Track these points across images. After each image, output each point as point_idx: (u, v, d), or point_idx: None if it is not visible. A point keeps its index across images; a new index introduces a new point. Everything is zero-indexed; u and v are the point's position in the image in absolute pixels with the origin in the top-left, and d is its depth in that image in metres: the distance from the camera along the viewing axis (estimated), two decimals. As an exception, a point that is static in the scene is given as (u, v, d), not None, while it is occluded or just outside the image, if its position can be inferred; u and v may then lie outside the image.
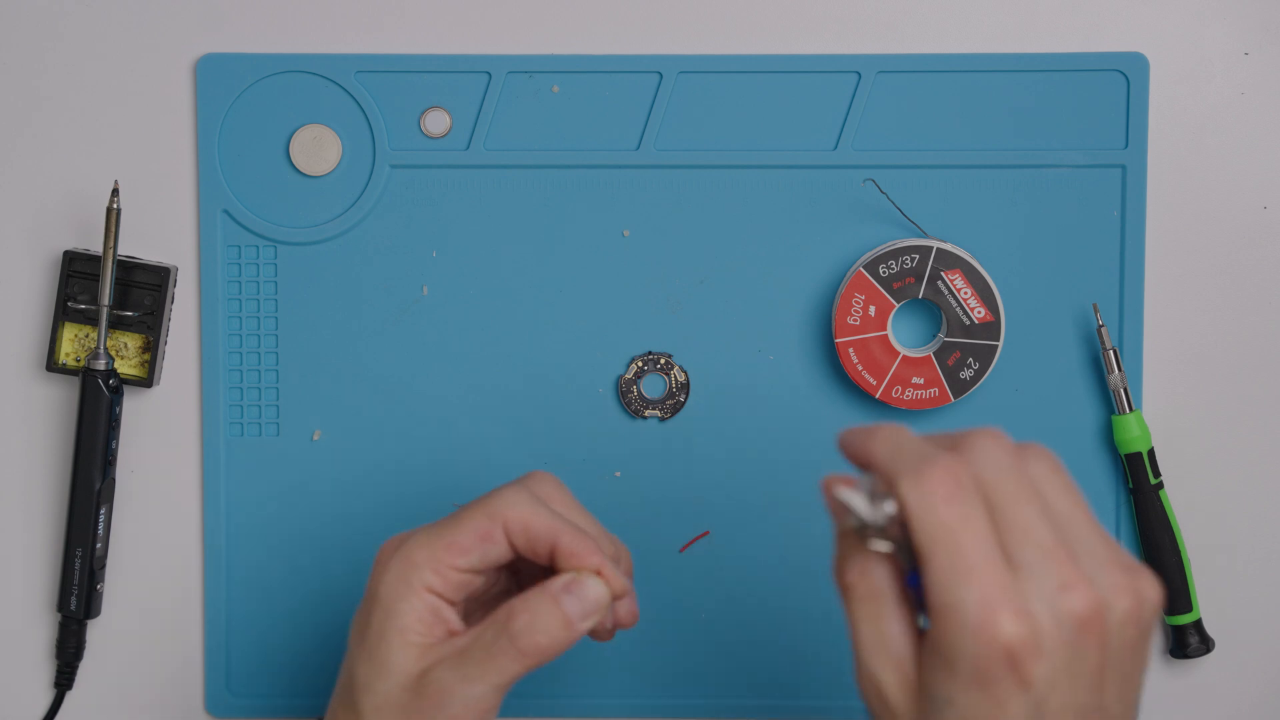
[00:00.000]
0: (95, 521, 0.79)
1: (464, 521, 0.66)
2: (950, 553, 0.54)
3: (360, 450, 0.81)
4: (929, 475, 0.55)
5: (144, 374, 0.80)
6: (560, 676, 0.81)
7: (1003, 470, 0.56)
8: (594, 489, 0.81)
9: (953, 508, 0.54)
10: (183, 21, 0.80)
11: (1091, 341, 0.80)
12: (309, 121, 0.80)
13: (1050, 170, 0.79)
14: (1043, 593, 0.54)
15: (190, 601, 0.82)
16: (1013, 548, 0.54)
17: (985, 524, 0.54)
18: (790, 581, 0.81)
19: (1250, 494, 0.81)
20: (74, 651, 0.81)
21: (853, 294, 0.78)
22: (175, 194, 0.81)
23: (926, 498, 0.54)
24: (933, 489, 0.54)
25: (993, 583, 0.53)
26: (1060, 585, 0.54)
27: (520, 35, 0.80)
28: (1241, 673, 0.81)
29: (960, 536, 0.54)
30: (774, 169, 0.80)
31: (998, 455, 0.56)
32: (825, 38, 0.80)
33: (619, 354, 0.81)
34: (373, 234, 0.80)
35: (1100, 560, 0.55)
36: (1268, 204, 0.80)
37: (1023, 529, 0.55)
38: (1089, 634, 0.54)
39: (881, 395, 0.79)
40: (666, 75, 0.80)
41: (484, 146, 0.80)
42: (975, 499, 0.55)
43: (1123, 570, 0.55)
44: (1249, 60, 0.80)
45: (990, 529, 0.54)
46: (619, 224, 0.80)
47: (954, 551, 0.54)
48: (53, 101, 0.81)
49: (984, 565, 0.54)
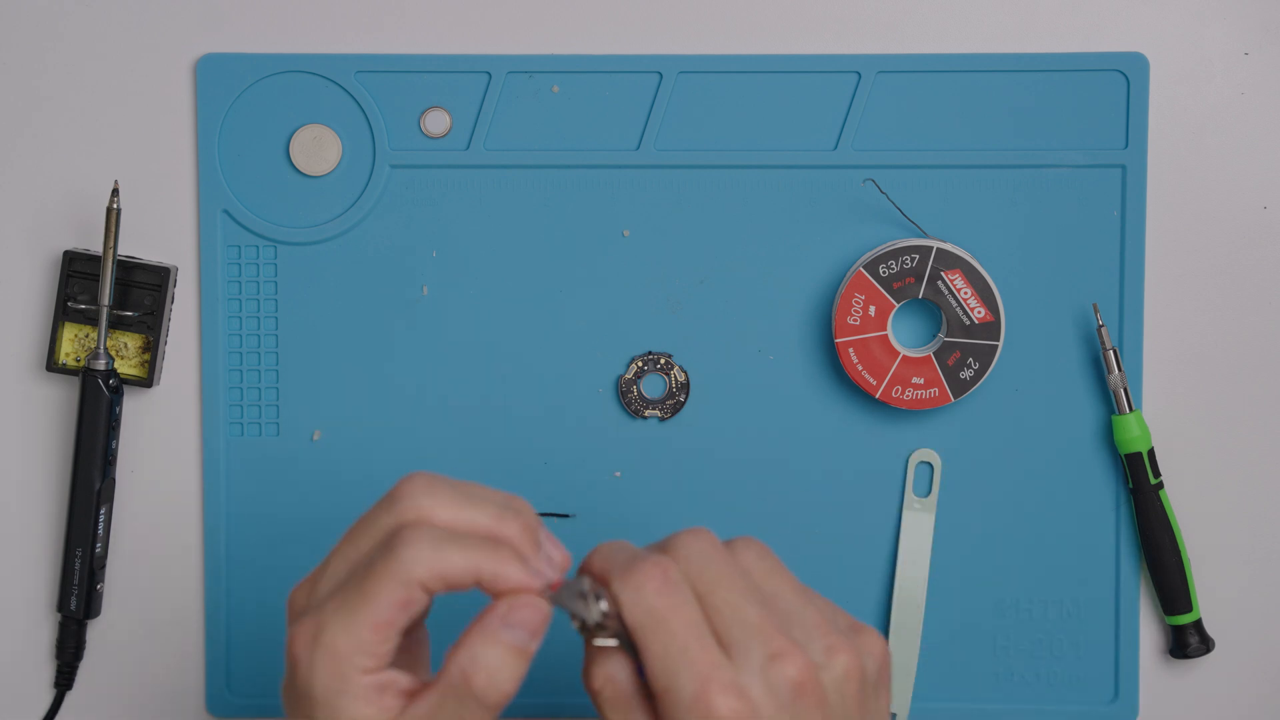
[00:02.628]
0: (95, 521, 0.79)
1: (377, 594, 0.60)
2: (663, 639, 0.58)
3: (360, 450, 0.81)
4: (638, 570, 0.59)
5: (144, 374, 0.81)
6: (560, 677, 0.81)
7: (707, 560, 0.59)
8: (594, 489, 0.81)
9: (662, 597, 0.58)
10: (183, 21, 0.80)
11: (1091, 341, 0.80)
12: (309, 121, 0.80)
13: (1050, 170, 0.79)
14: (755, 666, 0.57)
15: (190, 601, 0.82)
16: (723, 629, 0.58)
17: (695, 610, 0.58)
18: (790, 581, 0.81)
19: (1250, 494, 0.81)
20: (74, 651, 0.81)
21: (853, 294, 0.78)
22: (175, 194, 0.81)
23: (637, 591, 0.58)
24: (641, 582, 0.58)
25: (705, 662, 0.57)
26: (770, 656, 0.58)
27: (520, 35, 0.80)
28: (1241, 673, 0.81)
29: (671, 623, 0.58)
30: (774, 169, 0.80)
31: (701, 548, 0.60)
32: (825, 38, 0.80)
33: (619, 354, 0.81)
34: (373, 234, 0.80)
35: (811, 627, 0.59)
36: (1268, 204, 0.80)
37: (730, 610, 0.58)
38: (805, 697, 0.57)
39: (881, 395, 0.79)
40: (666, 75, 0.80)
41: (484, 146, 0.80)
42: (684, 589, 0.59)
43: (838, 632, 0.59)
44: (1249, 60, 0.80)
45: (700, 615, 0.58)
46: (619, 224, 0.80)
47: (666, 637, 0.58)
48: (53, 101, 0.81)
49: (695, 647, 0.57)
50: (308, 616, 0.61)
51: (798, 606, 0.60)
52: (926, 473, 0.81)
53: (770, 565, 0.61)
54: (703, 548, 0.60)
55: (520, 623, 0.62)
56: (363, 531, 0.63)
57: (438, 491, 0.62)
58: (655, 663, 0.58)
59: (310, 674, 0.60)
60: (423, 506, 0.62)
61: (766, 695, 0.57)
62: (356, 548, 0.63)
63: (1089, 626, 0.81)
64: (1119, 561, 0.81)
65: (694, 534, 0.61)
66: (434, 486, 0.63)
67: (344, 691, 0.61)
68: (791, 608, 0.60)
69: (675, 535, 0.61)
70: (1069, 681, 0.81)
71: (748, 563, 0.61)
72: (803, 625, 0.59)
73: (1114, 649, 0.81)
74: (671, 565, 0.59)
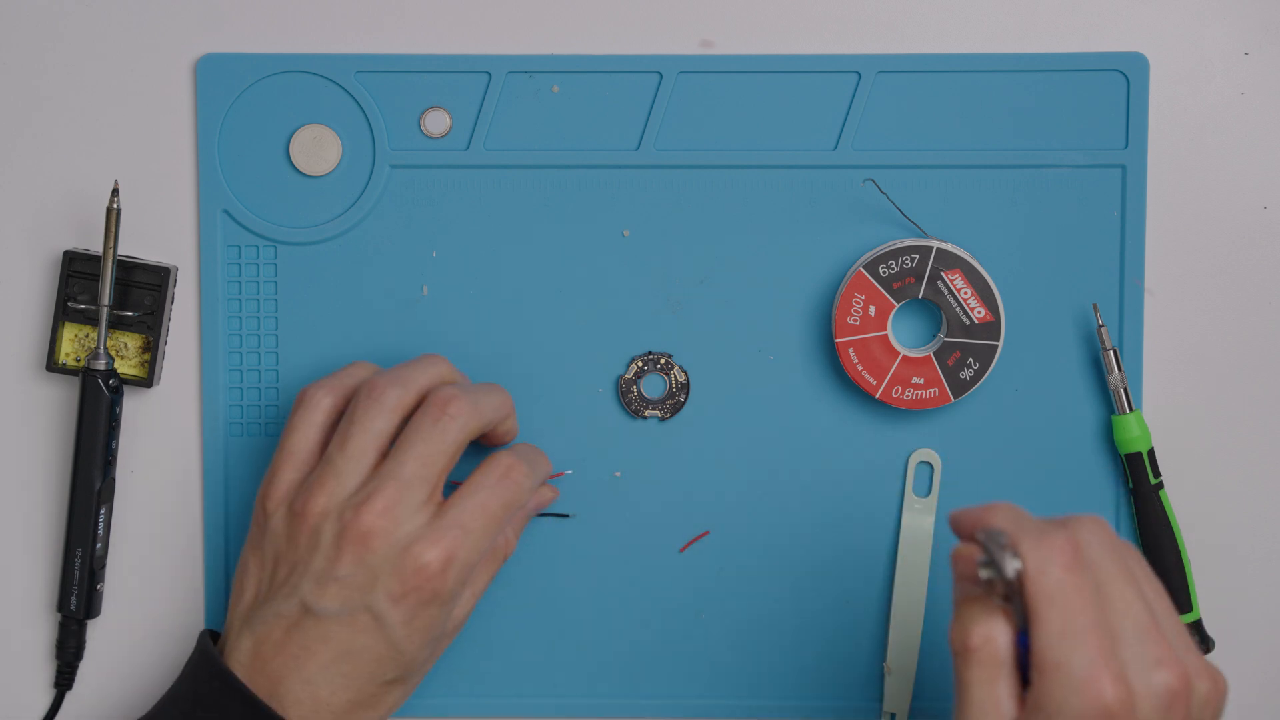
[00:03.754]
0: (95, 521, 0.79)
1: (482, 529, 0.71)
2: (1063, 614, 0.59)
3: (360, 450, 0.81)
4: (1050, 541, 0.60)
5: (144, 374, 0.81)
6: (559, 677, 0.81)
7: (1108, 551, 0.62)
8: (594, 489, 0.81)
9: (1069, 574, 0.60)
10: (183, 21, 0.80)
11: (1091, 341, 0.80)
12: (309, 121, 0.80)
13: (1050, 170, 0.79)
14: (1140, 664, 0.59)
15: (190, 601, 0.82)
16: (1114, 621, 0.60)
17: (1094, 594, 0.60)
18: (790, 581, 0.81)
19: (1250, 494, 0.81)
20: (74, 651, 0.81)
21: (853, 294, 0.78)
22: (175, 194, 0.81)
23: (1047, 561, 0.60)
24: (1052, 554, 0.60)
25: (1100, 647, 0.59)
26: (1155, 660, 0.60)
27: (520, 35, 0.80)
28: (1241, 673, 0.81)
29: (1073, 600, 0.59)
30: (774, 169, 0.80)
31: (1103, 538, 0.62)
32: (825, 38, 0.80)
33: (619, 354, 0.81)
34: (373, 234, 0.80)
35: (1184, 645, 0.61)
36: (1268, 204, 0.80)
37: (1125, 606, 0.60)
38: (1177, 707, 0.60)
39: (881, 395, 0.79)
40: (666, 75, 0.80)
41: (484, 146, 0.80)
42: (1089, 571, 0.61)
43: (1199, 658, 0.62)
44: (1249, 60, 0.80)
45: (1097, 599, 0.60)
46: (619, 224, 0.80)
47: (1066, 613, 0.59)
48: (53, 101, 0.81)
49: (1091, 630, 0.59)
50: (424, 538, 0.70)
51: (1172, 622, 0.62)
52: (926, 473, 0.81)
53: (1149, 575, 0.63)
54: (1105, 539, 0.62)
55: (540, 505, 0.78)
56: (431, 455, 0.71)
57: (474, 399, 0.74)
58: (1049, 636, 0.59)
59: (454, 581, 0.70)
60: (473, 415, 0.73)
61: (1146, 694, 0.59)
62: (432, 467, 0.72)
63: (1089, 626, 0.81)
64: (1119, 561, 0.81)
65: (1096, 522, 0.63)
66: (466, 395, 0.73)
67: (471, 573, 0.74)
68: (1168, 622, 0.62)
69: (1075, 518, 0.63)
70: (1069, 681, 0.81)
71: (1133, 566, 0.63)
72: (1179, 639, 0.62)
73: (1114, 649, 0.81)
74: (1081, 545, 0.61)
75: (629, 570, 0.81)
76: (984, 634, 0.61)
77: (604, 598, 0.81)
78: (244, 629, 0.71)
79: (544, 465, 0.76)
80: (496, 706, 0.81)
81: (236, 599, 0.73)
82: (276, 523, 0.72)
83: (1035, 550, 0.60)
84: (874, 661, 0.81)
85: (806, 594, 0.81)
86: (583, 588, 0.81)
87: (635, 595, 0.81)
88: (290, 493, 0.72)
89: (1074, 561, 0.60)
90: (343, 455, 0.71)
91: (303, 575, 0.70)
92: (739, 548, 0.81)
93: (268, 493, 0.73)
